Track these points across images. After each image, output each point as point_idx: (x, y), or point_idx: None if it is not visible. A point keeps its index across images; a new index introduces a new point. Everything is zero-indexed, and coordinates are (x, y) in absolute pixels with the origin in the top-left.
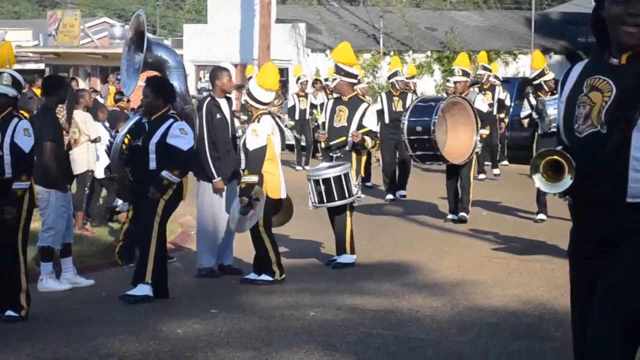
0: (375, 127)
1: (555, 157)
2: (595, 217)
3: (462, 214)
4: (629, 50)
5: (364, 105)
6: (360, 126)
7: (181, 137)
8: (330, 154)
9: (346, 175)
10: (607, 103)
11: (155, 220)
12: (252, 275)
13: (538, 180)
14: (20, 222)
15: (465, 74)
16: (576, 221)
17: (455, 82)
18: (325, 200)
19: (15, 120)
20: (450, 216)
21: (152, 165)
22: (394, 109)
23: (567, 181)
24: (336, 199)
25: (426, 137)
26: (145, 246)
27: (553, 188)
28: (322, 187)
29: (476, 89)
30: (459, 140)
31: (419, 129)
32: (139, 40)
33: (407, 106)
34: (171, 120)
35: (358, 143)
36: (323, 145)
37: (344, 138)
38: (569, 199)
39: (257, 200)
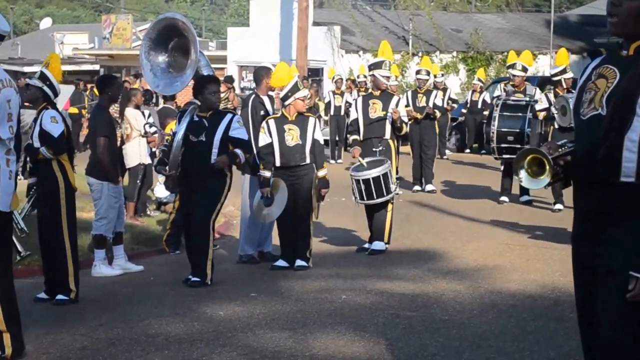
0: (406, 118)
1: (537, 155)
2: (592, 195)
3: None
4: (637, 42)
5: (395, 97)
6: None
7: (241, 128)
8: (373, 149)
9: (385, 174)
10: (609, 88)
11: (211, 218)
12: (280, 262)
13: (523, 175)
14: (62, 209)
15: (524, 69)
16: (576, 200)
17: (514, 76)
18: (366, 198)
19: (44, 111)
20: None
21: (214, 159)
22: (417, 104)
23: (545, 180)
24: (375, 197)
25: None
26: (204, 241)
27: (533, 184)
28: (363, 186)
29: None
30: None
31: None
32: (163, 41)
33: (431, 102)
34: (230, 114)
35: (397, 120)
36: (359, 138)
37: (384, 112)
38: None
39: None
